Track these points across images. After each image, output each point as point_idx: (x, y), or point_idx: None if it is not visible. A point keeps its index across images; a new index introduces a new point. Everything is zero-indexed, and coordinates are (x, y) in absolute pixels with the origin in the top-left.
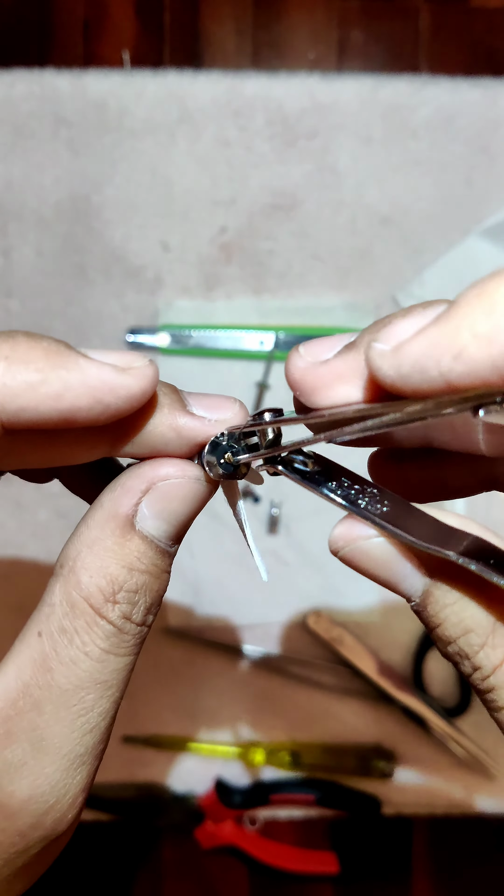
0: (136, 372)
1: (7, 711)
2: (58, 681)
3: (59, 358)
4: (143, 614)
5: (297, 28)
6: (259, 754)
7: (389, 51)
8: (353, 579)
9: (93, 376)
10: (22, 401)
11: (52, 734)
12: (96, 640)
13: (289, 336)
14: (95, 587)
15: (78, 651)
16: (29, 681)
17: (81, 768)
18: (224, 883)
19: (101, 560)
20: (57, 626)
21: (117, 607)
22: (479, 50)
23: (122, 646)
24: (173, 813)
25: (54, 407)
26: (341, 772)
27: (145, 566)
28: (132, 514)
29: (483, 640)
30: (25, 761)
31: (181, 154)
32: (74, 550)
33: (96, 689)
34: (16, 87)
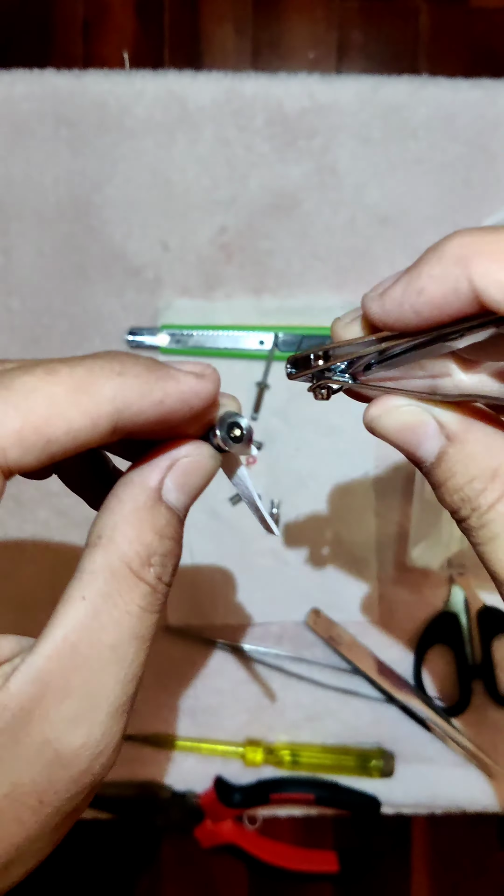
0: (209, 377)
1: (62, 669)
2: (103, 639)
3: (159, 371)
4: (170, 575)
5: (297, 28)
6: (259, 753)
7: (389, 51)
8: (353, 579)
9: (184, 384)
10: (135, 408)
11: (101, 686)
12: (136, 599)
13: (289, 336)
14: (135, 553)
15: (121, 611)
16: (77, 641)
17: (123, 716)
18: (224, 882)
19: (137, 529)
20: (99, 590)
21: (152, 569)
22: (479, 50)
23: (156, 603)
24: (173, 812)
25: (157, 411)
26: (341, 771)
27: (171, 533)
28: (160, 488)
29: (484, 485)
30: (80, 713)
31: (181, 154)
32: (111, 522)
33: (136, 643)
34: (16, 87)
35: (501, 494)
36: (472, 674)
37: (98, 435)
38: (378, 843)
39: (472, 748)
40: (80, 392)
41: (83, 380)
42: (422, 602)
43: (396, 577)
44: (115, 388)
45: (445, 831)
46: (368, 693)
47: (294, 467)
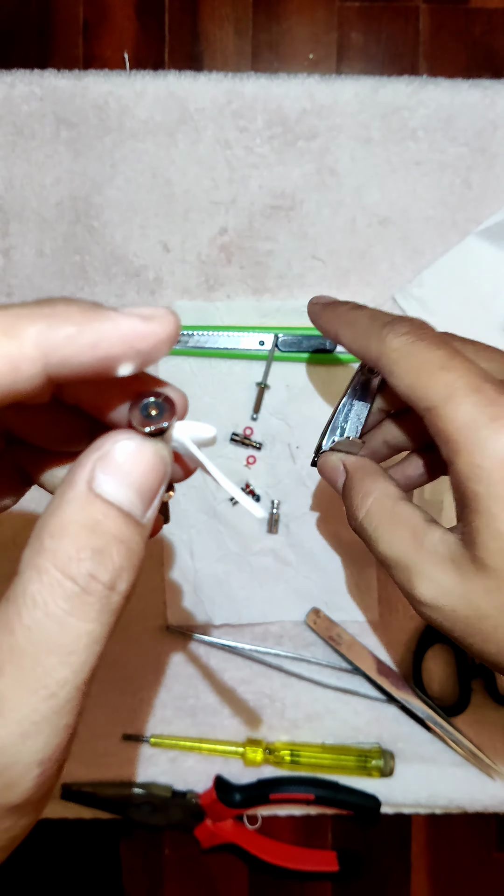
0: (160, 319)
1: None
2: (18, 643)
3: (94, 313)
4: (110, 575)
5: (297, 29)
6: (259, 753)
7: (389, 52)
8: (353, 579)
9: (124, 325)
10: (64, 351)
11: (7, 696)
12: (58, 600)
13: (289, 336)
14: (59, 547)
15: (39, 612)
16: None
17: (37, 737)
18: (224, 881)
19: (64, 523)
20: (21, 589)
21: (81, 564)
22: (479, 51)
23: (86, 609)
24: (173, 812)
25: (92, 355)
26: (341, 771)
27: (109, 528)
28: (89, 480)
29: (359, 504)
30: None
31: (181, 155)
32: (41, 521)
33: (56, 653)
34: (16, 87)
35: (367, 510)
36: (471, 674)
37: (25, 381)
38: (378, 843)
39: (472, 748)
40: (2, 337)
41: (5, 322)
42: None
43: None
44: (41, 329)
45: (445, 831)
46: (368, 693)
47: (294, 467)
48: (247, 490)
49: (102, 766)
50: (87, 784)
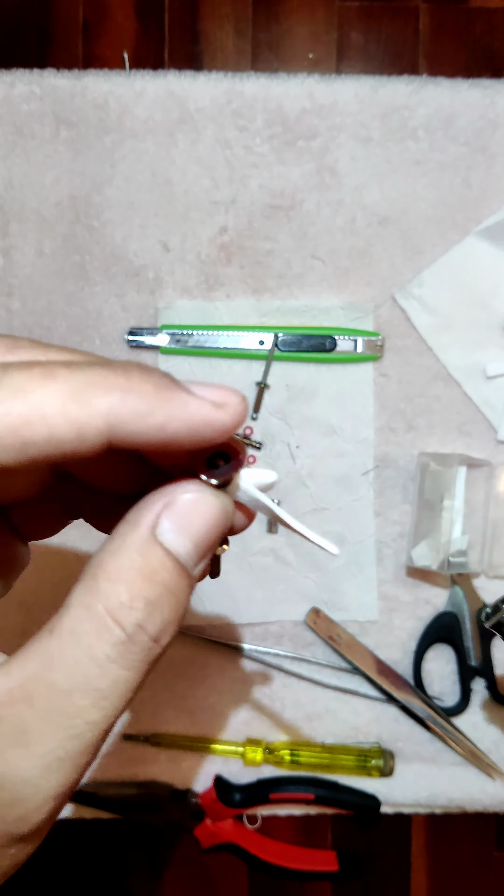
0: (230, 409)
1: (2, 698)
2: (55, 679)
3: (167, 392)
4: (157, 628)
5: (297, 29)
6: (258, 753)
7: (389, 51)
8: (353, 579)
9: (193, 412)
10: (131, 427)
11: (35, 730)
12: (104, 644)
13: (289, 336)
14: (113, 592)
15: (83, 653)
16: (30, 674)
17: (57, 773)
18: (223, 881)
19: (122, 567)
20: (68, 626)
21: (132, 613)
22: (479, 50)
23: (129, 657)
24: (173, 811)
25: (157, 435)
26: (341, 771)
27: (165, 579)
28: (153, 526)
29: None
30: (3, 748)
31: (181, 154)
32: (98, 559)
33: (91, 696)
34: (16, 87)
35: None
36: (472, 673)
37: (86, 447)
38: (378, 843)
39: (472, 748)
40: (72, 401)
41: (79, 388)
42: (422, 602)
43: (396, 576)
44: (112, 403)
45: (445, 831)
46: (368, 693)
47: (294, 467)
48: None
49: (102, 766)
50: (87, 784)
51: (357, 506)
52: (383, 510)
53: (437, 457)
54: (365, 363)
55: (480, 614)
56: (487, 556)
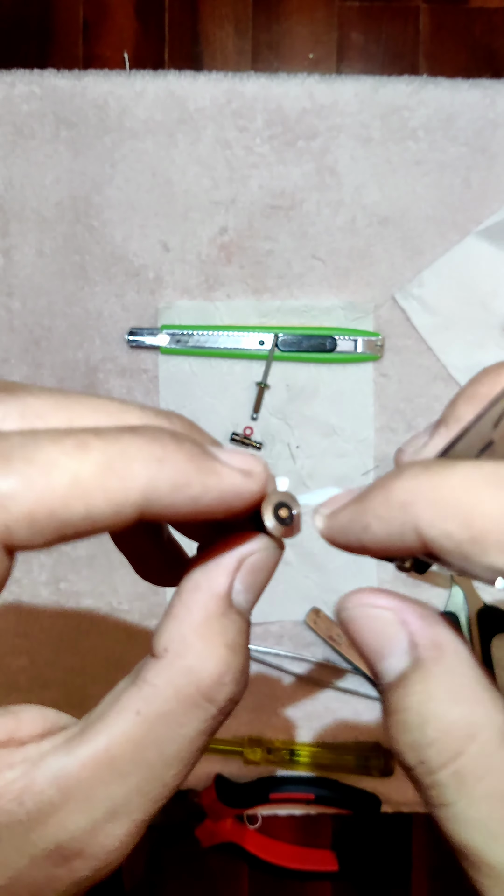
0: (257, 477)
1: (90, 781)
2: (147, 758)
3: (202, 463)
4: (240, 695)
5: (297, 29)
6: (259, 752)
7: (389, 52)
8: (352, 579)
9: (227, 483)
10: (166, 500)
11: (127, 804)
12: (195, 722)
13: (289, 336)
14: (206, 673)
15: (173, 732)
16: (119, 755)
17: (139, 830)
18: (224, 881)
19: (210, 643)
20: (159, 709)
21: (224, 689)
22: (479, 51)
23: (214, 725)
24: (173, 811)
25: (191, 507)
26: (341, 770)
27: (243, 642)
28: (230, 591)
29: (437, 736)
30: (98, 825)
31: (181, 154)
32: (178, 633)
33: (178, 766)
34: (16, 87)
35: (455, 755)
36: None
37: (120, 521)
38: (378, 843)
39: None
40: (109, 475)
41: (115, 461)
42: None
43: (396, 577)
44: (150, 476)
45: None
46: (368, 693)
47: (294, 467)
48: None
49: None
50: None
51: None
52: None
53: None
54: (365, 363)
55: (480, 613)
56: None
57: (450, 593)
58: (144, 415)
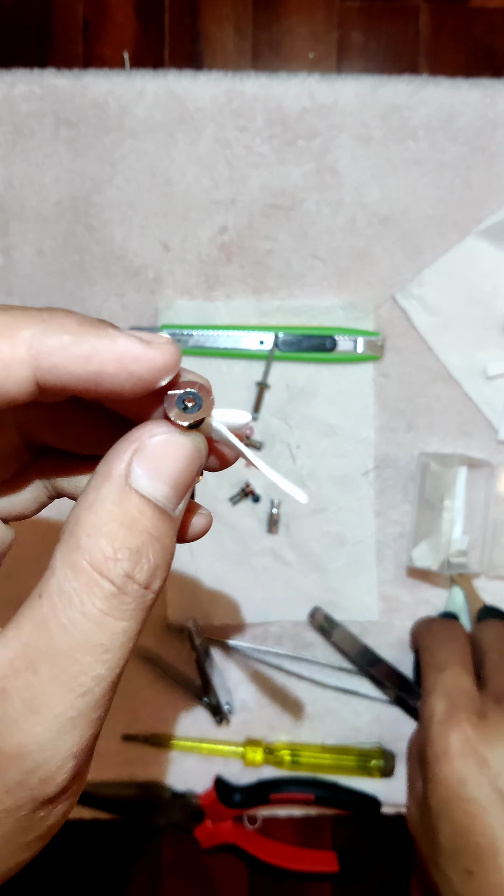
0: (159, 346)
1: (4, 670)
2: (54, 642)
3: (91, 327)
4: (146, 575)
5: (297, 28)
6: (259, 753)
7: (389, 51)
8: (353, 579)
9: (120, 344)
10: (55, 359)
11: (44, 694)
12: (95, 600)
13: (289, 336)
14: (95, 546)
15: (76, 612)
16: (27, 641)
17: (73, 732)
18: (224, 882)
19: (100, 520)
20: (56, 587)
21: (118, 564)
22: (479, 50)
23: (123, 608)
24: (173, 812)
25: (84, 368)
26: (341, 771)
27: (146, 526)
28: (126, 474)
29: None
30: (16, 719)
31: (181, 154)
32: (74, 516)
33: (93, 652)
34: (16, 87)
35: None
36: None
37: (14, 383)
38: (378, 843)
39: None
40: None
41: (2, 322)
42: (422, 602)
43: (397, 577)
44: (35, 333)
45: None
46: (369, 693)
47: (294, 467)
48: (247, 490)
49: (102, 766)
50: (86, 784)
51: (357, 506)
52: (383, 510)
53: (437, 457)
54: (365, 363)
55: (480, 613)
56: (488, 557)
57: (450, 593)
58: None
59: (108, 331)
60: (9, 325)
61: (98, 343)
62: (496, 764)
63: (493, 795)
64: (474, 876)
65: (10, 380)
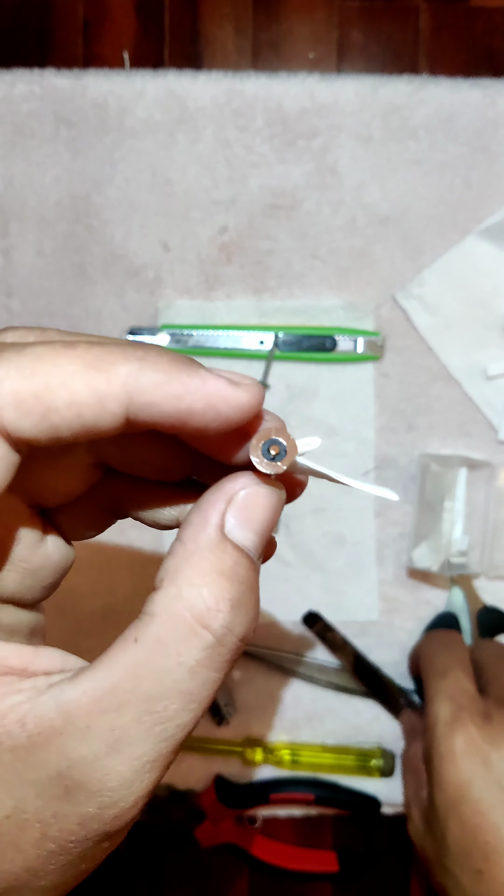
0: (246, 387)
1: (90, 708)
2: (145, 687)
3: (184, 366)
4: (244, 627)
5: (297, 28)
6: (258, 753)
7: (389, 51)
8: (353, 580)
9: (210, 384)
10: (148, 396)
11: (128, 736)
12: (192, 650)
13: (289, 336)
14: (198, 596)
15: (172, 661)
16: (117, 683)
17: (150, 773)
18: (223, 882)
19: (201, 571)
20: (154, 634)
21: (219, 616)
22: (479, 50)
23: (217, 659)
24: (173, 812)
25: (174, 406)
26: (341, 771)
27: (242, 576)
28: (221, 525)
29: None
30: (99, 756)
31: (181, 154)
32: (172, 564)
33: (181, 700)
34: (16, 87)
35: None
36: None
37: (107, 418)
38: (378, 843)
39: None
40: (92, 367)
41: (99, 357)
42: (422, 603)
43: (396, 577)
44: (131, 370)
45: None
46: (368, 693)
47: None
48: None
49: None
50: None
51: (357, 506)
52: (384, 511)
53: (438, 458)
54: (365, 363)
55: (479, 614)
56: (488, 557)
57: (450, 594)
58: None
59: (200, 371)
60: (105, 359)
61: (190, 383)
62: (502, 764)
63: (501, 794)
64: (484, 874)
65: (104, 415)
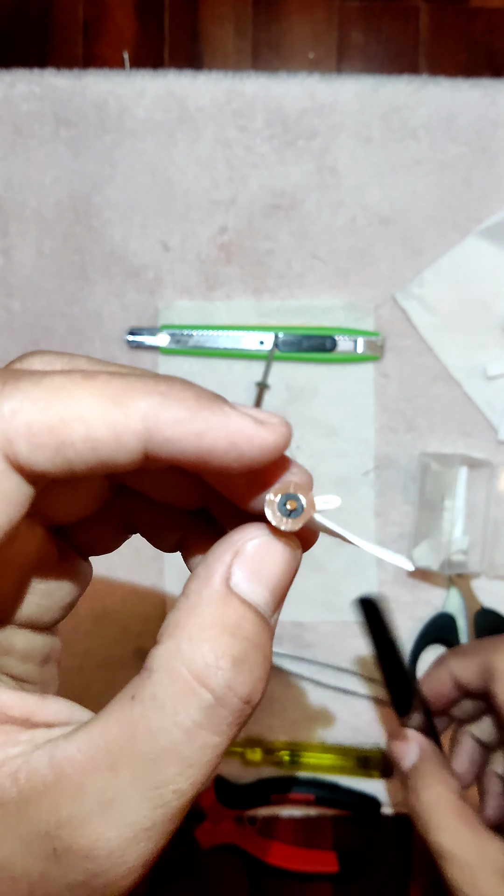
0: (272, 427)
1: (84, 765)
2: (140, 747)
3: (207, 402)
4: (248, 688)
5: (297, 28)
6: (258, 753)
7: (389, 51)
8: (353, 581)
9: (234, 423)
10: (168, 433)
11: (121, 798)
12: (190, 710)
13: (289, 336)
14: (197, 652)
15: (168, 720)
16: (112, 741)
17: (144, 843)
18: (223, 882)
19: (202, 624)
20: (151, 691)
21: (219, 674)
22: (479, 50)
23: (217, 721)
24: None
25: (195, 444)
26: (341, 771)
27: (248, 632)
28: (227, 577)
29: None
30: (89, 818)
31: (181, 154)
32: (174, 618)
33: (178, 765)
34: (16, 87)
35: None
36: None
37: (124, 454)
38: (378, 844)
39: None
40: (110, 401)
41: (118, 390)
42: (422, 602)
43: (397, 577)
44: (151, 405)
45: None
46: (368, 693)
47: None
48: None
49: None
50: None
51: (357, 506)
52: (384, 511)
53: (438, 457)
54: (365, 363)
55: (477, 616)
56: (488, 557)
57: (447, 595)
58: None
59: (224, 408)
60: (126, 393)
61: (213, 420)
62: None
63: None
64: None
65: (120, 451)
